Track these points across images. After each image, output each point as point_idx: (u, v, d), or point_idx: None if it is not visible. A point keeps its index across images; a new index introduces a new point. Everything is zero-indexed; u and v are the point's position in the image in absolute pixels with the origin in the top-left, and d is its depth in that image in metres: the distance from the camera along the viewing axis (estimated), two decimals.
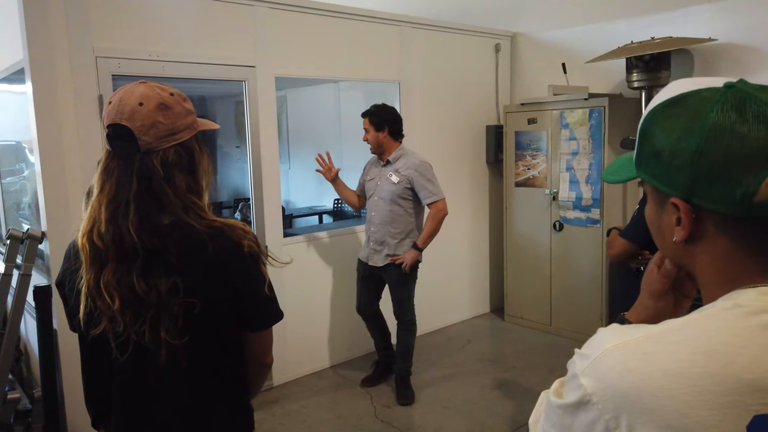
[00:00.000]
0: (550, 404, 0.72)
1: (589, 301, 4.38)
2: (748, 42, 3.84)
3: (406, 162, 3.49)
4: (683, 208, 0.68)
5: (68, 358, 2.91)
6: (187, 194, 1.18)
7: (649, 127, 0.72)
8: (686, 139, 0.67)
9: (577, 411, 0.67)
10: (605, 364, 0.65)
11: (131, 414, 1.24)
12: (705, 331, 0.64)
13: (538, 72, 5.03)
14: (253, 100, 3.62)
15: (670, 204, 0.70)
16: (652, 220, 0.77)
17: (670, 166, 0.69)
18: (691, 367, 0.61)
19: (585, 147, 4.28)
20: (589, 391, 0.65)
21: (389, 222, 3.49)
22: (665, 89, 0.74)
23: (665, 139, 0.69)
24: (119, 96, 1.16)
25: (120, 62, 3.05)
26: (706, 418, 0.59)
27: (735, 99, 0.65)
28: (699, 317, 0.67)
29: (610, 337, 0.68)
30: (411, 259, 3.48)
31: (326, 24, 3.92)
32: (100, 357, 1.21)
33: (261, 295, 1.23)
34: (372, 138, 3.50)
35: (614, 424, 0.63)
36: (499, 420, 3.35)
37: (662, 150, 0.69)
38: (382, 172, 3.55)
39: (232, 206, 6.47)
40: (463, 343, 4.56)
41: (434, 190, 3.47)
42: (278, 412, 3.53)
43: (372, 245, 3.57)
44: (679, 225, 0.70)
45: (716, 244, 0.69)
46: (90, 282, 1.13)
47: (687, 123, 0.67)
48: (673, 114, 0.69)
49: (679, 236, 0.70)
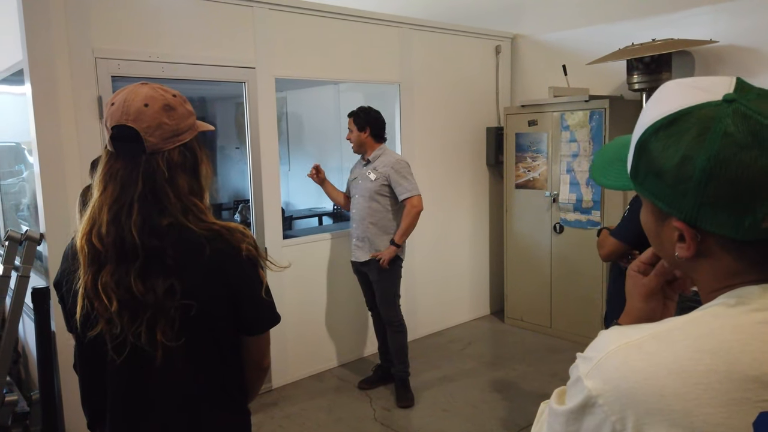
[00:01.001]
0: (552, 413, 0.71)
1: (590, 303, 4.37)
2: (749, 44, 3.83)
3: (384, 160, 3.60)
4: (688, 233, 0.67)
5: (66, 361, 2.90)
6: (189, 196, 1.18)
7: (647, 144, 0.69)
8: (690, 164, 0.64)
9: (582, 415, 0.66)
10: (610, 365, 0.65)
11: (127, 416, 1.23)
12: (709, 328, 0.64)
13: (538, 74, 5.03)
14: (253, 101, 3.61)
15: (671, 223, 0.69)
16: (650, 229, 0.75)
17: (673, 189, 0.67)
18: (696, 365, 0.60)
19: (585, 149, 4.27)
20: (594, 393, 0.64)
21: (368, 217, 3.60)
22: (657, 96, 0.72)
23: (667, 160, 0.66)
24: (123, 97, 1.16)
25: (120, 63, 3.05)
26: (712, 416, 0.59)
27: (738, 120, 0.63)
28: (702, 315, 0.66)
29: (613, 339, 0.68)
30: (389, 255, 3.55)
31: (326, 25, 3.92)
32: (97, 358, 1.21)
33: (258, 299, 1.23)
34: (354, 137, 3.62)
35: (620, 426, 0.62)
36: (500, 423, 3.34)
37: (664, 172, 0.67)
38: (362, 171, 3.65)
39: (231, 208, 6.45)
40: (463, 346, 4.54)
41: (409, 186, 3.56)
42: (277, 414, 3.52)
43: (355, 241, 3.68)
44: (681, 242, 0.69)
45: (720, 261, 0.68)
46: (87, 283, 1.13)
47: (690, 147, 0.65)
48: (674, 133, 0.66)
49: (683, 254, 0.69)
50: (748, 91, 0.65)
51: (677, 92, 0.69)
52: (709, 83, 0.67)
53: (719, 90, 0.66)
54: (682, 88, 0.69)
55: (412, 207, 3.54)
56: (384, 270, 3.57)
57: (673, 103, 0.67)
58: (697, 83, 0.69)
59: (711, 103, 0.65)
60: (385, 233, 3.60)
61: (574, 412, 0.66)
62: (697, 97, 0.66)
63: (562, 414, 0.68)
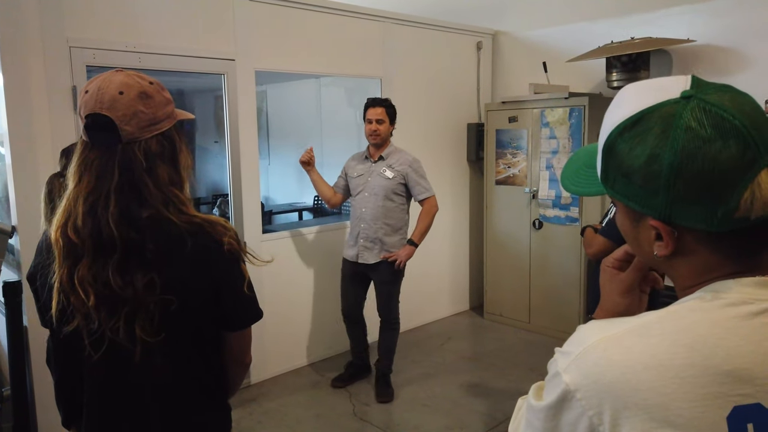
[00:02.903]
0: (530, 408, 0.71)
1: (568, 298, 4.41)
2: (726, 44, 3.90)
3: (400, 158, 3.50)
4: (664, 230, 0.67)
5: (38, 356, 2.83)
6: (169, 186, 1.15)
7: (614, 146, 0.69)
8: (657, 162, 0.65)
9: (560, 410, 0.66)
10: (589, 360, 0.65)
11: (104, 412, 1.20)
12: (686, 322, 0.64)
13: (519, 70, 5.05)
14: (232, 94, 3.56)
15: (647, 222, 0.69)
16: (626, 230, 0.75)
17: (643, 189, 0.67)
18: (672, 359, 0.61)
19: (565, 146, 4.30)
20: (572, 388, 0.64)
21: (382, 217, 3.47)
22: (618, 99, 0.72)
23: (634, 161, 0.67)
24: (97, 84, 1.12)
25: (95, 53, 2.98)
26: (687, 410, 0.59)
27: (698, 114, 0.64)
28: (679, 309, 0.67)
29: (592, 333, 0.68)
30: (407, 256, 3.48)
31: (308, 18, 3.88)
32: (73, 354, 1.17)
33: (240, 294, 1.21)
34: (385, 130, 3.46)
35: (598, 420, 0.62)
36: (478, 417, 3.36)
37: (632, 173, 0.67)
38: (372, 168, 3.51)
39: (210, 202, 6.38)
40: (442, 341, 4.56)
41: (427, 186, 3.50)
42: (256, 410, 3.49)
43: (362, 242, 3.50)
44: (658, 240, 0.69)
45: (697, 255, 0.68)
46: (63, 277, 1.09)
47: (655, 145, 0.65)
48: (638, 134, 0.67)
49: (662, 253, 0.69)
50: (704, 87, 0.66)
51: (636, 94, 0.70)
52: (666, 82, 0.69)
53: (676, 88, 0.67)
54: (641, 90, 0.70)
55: (431, 207, 3.49)
56: (396, 271, 3.50)
57: (634, 105, 0.68)
58: (654, 84, 0.70)
59: (670, 101, 0.66)
60: (396, 233, 3.51)
61: (552, 407, 0.67)
62: (657, 96, 0.67)
63: (540, 410, 0.68)
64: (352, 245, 3.59)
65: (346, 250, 3.65)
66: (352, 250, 3.58)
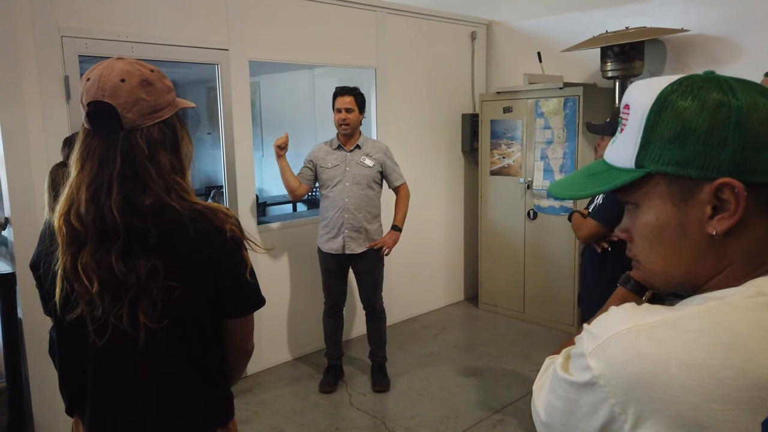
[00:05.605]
0: (556, 376, 0.69)
1: (562, 288, 4.44)
2: (720, 33, 3.91)
3: (374, 146, 3.53)
4: (739, 187, 0.62)
5: (33, 349, 2.82)
6: (170, 173, 1.15)
7: (667, 106, 0.66)
8: (725, 107, 0.63)
9: (582, 390, 0.64)
10: (616, 348, 0.62)
11: (107, 399, 1.20)
12: (726, 320, 0.60)
13: (513, 61, 5.05)
14: (226, 84, 3.54)
15: (706, 191, 0.64)
16: (665, 222, 0.68)
17: (706, 144, 0.63)
18: (708, 359, 0.58)
19: (559, 136, 4.31)
20: (596, 373, 0.62)
21: (365, 206, 3.47)
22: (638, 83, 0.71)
23: (695, 116, 0.64)
24: (98, 72, 1.12)
25: (87, 42, 2.94)
26: (720, 413, 0.57)
27: (733, 79, 0.66)
28: (719, 304, 0.63)
29: (623, 319, 0.64)
30: (394, 242, 3.52)
31: (301, 7, 3.85)
32: (76, 341, 1.17)
33: (243, 281, 1.21)
34: (354, 119, 3.41)
35: (620, 410, 0.60)
36: (474, 406, 3.38)
37: (692, 129, 0.64)
38: (349, 157, 3.47)
39: (204, 194, 6.36)
40: (437, 331, 4.58)
41: (401, 172, 3.59)
42: (252, 400, 3.50)
43: (347, 233, 3.45)
44: (713, 216, 0.64)
45: (756, 227, 0.65)
46: (66, 264, 1.09)
47: (720, 92, 0.64)
48: (690, 92, 0.65)
49: (724, 226, 0.64)
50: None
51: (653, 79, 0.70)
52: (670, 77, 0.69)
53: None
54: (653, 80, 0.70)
55: (407, 192, 3.58)
56: (380, 258, 3.53)
57: (660, 81, 0.68)
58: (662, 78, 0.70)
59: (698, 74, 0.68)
60: (375, 220, 3.54)
61: (575, 384, 0.65)
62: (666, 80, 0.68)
63: (564, 381, 0.67)
64: (332, 237, 3.47)
65: (326, 244, 3.51)
66: (334, 243, 3.48)
